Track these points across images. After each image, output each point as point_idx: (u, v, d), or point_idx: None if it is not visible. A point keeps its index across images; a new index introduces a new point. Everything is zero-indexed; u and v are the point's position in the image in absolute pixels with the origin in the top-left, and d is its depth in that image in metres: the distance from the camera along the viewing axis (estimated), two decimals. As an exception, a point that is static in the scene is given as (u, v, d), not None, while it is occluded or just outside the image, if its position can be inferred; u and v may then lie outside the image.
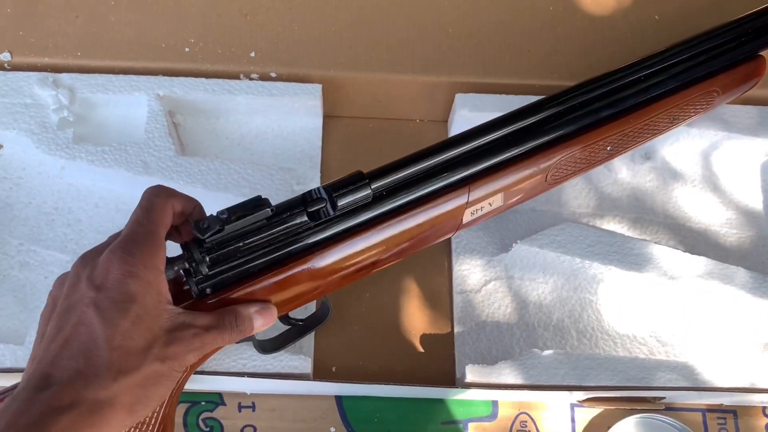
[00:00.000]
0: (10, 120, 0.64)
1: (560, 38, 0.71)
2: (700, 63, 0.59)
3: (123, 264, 0.40)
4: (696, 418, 0.66)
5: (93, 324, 0.39)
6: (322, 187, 0.48)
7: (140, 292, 0.40)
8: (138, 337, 0.40)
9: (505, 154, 0.53)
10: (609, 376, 0.60)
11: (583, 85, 0.56)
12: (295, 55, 0.69)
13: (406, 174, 0.50)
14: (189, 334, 0.42)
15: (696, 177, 0.73)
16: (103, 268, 0.41)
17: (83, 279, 0.41)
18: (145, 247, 0.42)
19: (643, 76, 0.58)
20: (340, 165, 0.72)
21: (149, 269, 0.41)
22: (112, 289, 0.40)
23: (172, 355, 0.41)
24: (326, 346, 0.65)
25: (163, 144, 0.64)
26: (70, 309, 0.40)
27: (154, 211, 0.44)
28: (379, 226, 0.49)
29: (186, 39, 0.69)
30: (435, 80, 0.70)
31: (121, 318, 0.39)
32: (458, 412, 0.65)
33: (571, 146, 0.55)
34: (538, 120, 0.54)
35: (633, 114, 0.57)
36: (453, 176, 0.51)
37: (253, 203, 0.45)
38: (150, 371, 0.40)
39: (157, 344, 0.41)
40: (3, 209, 0.67)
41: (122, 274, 0.40)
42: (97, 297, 0.40)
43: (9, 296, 0.64)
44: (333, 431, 0.63)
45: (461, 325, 0.66)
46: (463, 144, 0.52)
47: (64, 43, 0.68)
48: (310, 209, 0.47)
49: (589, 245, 0.65)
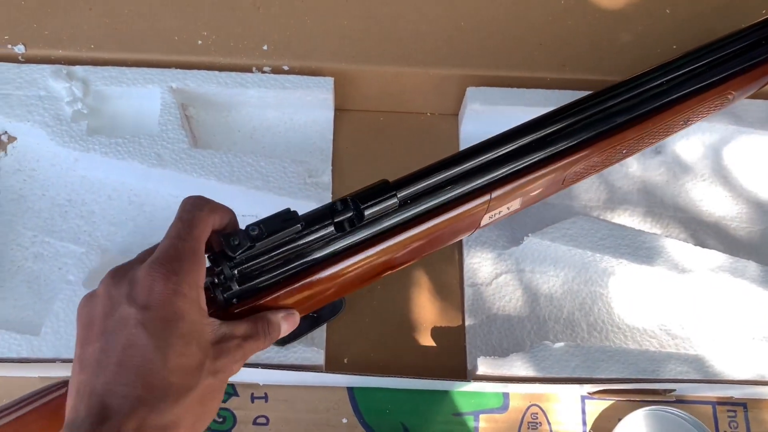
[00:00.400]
0: (24, 112, 0.65)
1: (571, 31, 0.72)
2: (716, 68, 0.59)
3: (167, 282, 0.39)
4: (706, 411, 0.66)
5: (145, 345, 0.37)
6: (350, 198, 0.47)
7: (186, 310, 0.39)
8: (191, 355, 0.39)
9: (525, 159, 0.53)
10: (619, 369, 0.61)
11: (602, 93, 0.56)
12: (307, 48, 0.70)
13: (431, 182, 0.50)
14: (232, 345, 0.42)
15: (706, 171, 0.73)
16: (145, 286, 0.39)
17: (123, 298, 0.39)
18: (187, 264, 0.40)
19: (659, 82, 0.58)
20: (351, 158, 0.72)
21: (193, 287, 0.40)
22: (159, 308, 0.38)
23: (221, 368, 0.41)
24: (338, 338, 0.65)
25: (177, 136, 0.64)
26: (115, 331, 0.38)
27: (198, 227, 0.42)
28: (402, 233, 0.50)
29: (199, 32, 0.69)
30: (446, 73, 0.70)
31: (172, 337, 0.38)
32: (469, 404, 0.65)
33: (589, 151, 0.55)
34: (557, 128, 0.55)
35: (649, 119, 0.57)
36: (475, 182, 0.52)
37: (282, 218, 0.45)
38: (205, 387, 0.39)
39: (207, 359, 0.40)
40: (17, 201, 0.67)
41: (168, 293, 0.38)
42: (144, 317, 0.38)
43: (23, 287, 0.64)
44: (345, 422, 0.64)
45: (472, 317, 0.67)
46: (486, 152, 0.52)
47: (78, 36, 0.69)
48: (337, 220, 0.47)
49: (600, 238, 0.65)
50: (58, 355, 0.58)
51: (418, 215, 0.50)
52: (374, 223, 0.48)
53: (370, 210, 0.47)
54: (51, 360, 0.58)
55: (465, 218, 0.52)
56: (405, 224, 0.50)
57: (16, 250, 0.65)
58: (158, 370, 0.37)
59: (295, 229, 0.45)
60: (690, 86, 0.58)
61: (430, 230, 0.51)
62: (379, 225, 0.49)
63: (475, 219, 0.54)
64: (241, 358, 0.42)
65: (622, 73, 0.70)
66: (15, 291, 0.64)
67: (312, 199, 0.63)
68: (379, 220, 0.49)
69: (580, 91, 0.69)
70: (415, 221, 0.50)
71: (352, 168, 0.72)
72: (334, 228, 0.47)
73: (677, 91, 0.58)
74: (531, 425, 0.65)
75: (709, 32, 0.72)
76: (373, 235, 0.49)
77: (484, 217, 0.54)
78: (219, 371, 0.40)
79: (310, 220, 0.46)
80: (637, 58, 0.71)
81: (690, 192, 0.73)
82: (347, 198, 0.47)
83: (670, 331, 0.67)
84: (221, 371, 0.41)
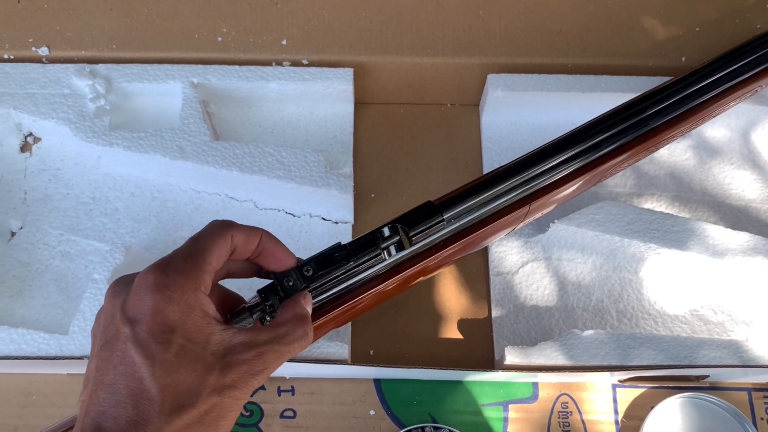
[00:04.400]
0: (48, 110, 0.65)
1: (592, 17, 0.71)
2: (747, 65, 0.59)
3: (155, 290, 0.36)
4: (741, 398, 0.64)
5: (135, 363, 0.35)
6: (398, 224, 0.47)
7: (180, 319, 0.36)
8: (187, 370, 0.35)
9: (564, 170, 0.53)
10: (651, 355, 0.59)
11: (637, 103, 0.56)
12: (326, 41, 0.70)
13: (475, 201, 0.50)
14: (249, 356, 0.37)
15: (734, 154, 0.72)
16: (135, 296, 0.37)
17: (117, 310, 0.37)
18: (182, 267, 0.37)
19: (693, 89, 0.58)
20: (372, 150, 0.72)
21: (187, 291, 0.37)
22: (147, 321, 0.36)
23: (231, 384, 0.36)
24: (364, 331, 0.65)
25: (198, 129, 0.64)
26: (108, 347, 0.36)
27: (204, 237, 0.39)
28: (443, 249, 0.50)
29: (218, 28, 0.70)
30: (466, 62, 0.70)
31: (163, 351, 0.35)
32: (498, 395, 0.64)
33: (624, 155, 0.55)
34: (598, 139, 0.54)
35: (682, 120, 0.57)
36: (515, 195, 0.52)
37: (333, 255, 0.44)
38: (208, 406, 0.36)
39: (212, 374, 0.36)
40: (43, 201, 0.68)
41: (156, 301, 0.36)
42: (133, 332, 0.36)
43: (51, 286, 0.65)
44: (372, 414, 0.63)
45: (499, 307, 0.66)
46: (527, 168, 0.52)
47: (100, 36, 0.69)
48: (383, 245, 0.46)
49: (628, 223, 0.64)
50: (85, 353, 0.58)
51: (460, 230, 0.51)
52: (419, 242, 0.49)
53: (419, 235, 0.47)
54: (79, 357, 0.58)
55: (502, 226, 0.53)
56: (446, 240, 0.50)
57: (43, 249, 0.66)
58: (148, 389, 0.35)
59: (347, 266, 0.45)
60: (721, 85, 0.58)
61: (469, 241, 0.51)
62: (421, 242, 0.49)
63: (511, 225, 0.55)
64: (262, 370, 0.38)
65: (643, 57, 0.70)
66: (44, 290, 0.65)
67: (333, 187, 0.62)
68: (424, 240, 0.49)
69: (601, 76, 0.69)
70: (456, 237, 0.50)
71: (373, 160, 0.72)
72: (381, 254, 0.47)
73: (710, 91, 0.57)
74: (562, 414, 0.63)
75: (732, 14, 0.71)
76: (416, 254, 0.49)
77: (520, 223, 0.55)
78: (227, 388, 0.36)
79: (357, 248, 0.46)
80: (658, 43, 0.70)
81: (718, 176, 0.71)
82: (396, 224, 0.47)
83: (702, 316, 0.65)
84: (231, 387, 0.36)
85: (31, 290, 0.64)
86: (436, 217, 0.48)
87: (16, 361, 0.58)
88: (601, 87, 0.68)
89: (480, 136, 0.73)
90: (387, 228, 0.46)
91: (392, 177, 0.71)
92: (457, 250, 0.52)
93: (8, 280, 0.65)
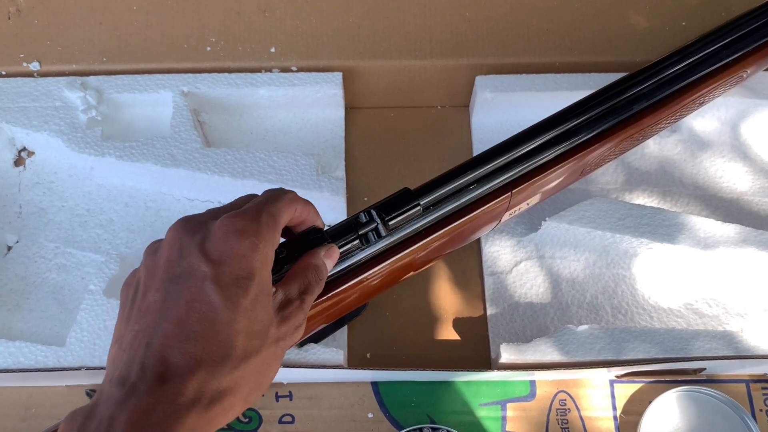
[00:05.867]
0: (41, 122, 0.66)
1: (578, 14, 0.71)
2: (729, 48, 0.59)
3: (245, 238, 0.36)
4: (739, 390, 0.64)
5: (213, 303, 0.35)
6: (374, 209, 0.47)
7: (259, 269, 0.36)
8: (258, 319, 0.36)
9: (544, 156, 0.54)
10: (646, 348, 0.59)
11: (617, 85, 0.56)
12: (314, 47, 0.70)
13: (453, 187, 0.50)
14: (294, 309, 0.40)
15: (725, 147, 0.72)
16: (220, 239, 0.36)
17: (194, 247, 0.36)
18: (266, 221, 0.38)
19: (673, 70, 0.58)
20: (364, 154, 0.72)
21: (269, 244, 0.37)
22: (232, 264, 0.36)
23: (283, 335, 0.39)
24: (360, 334, 0.65)
25: (189, 137, 0.65)
26: (179, 281, 0.36)
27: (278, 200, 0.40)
28: (425, 237, 0.50)
29: (207, 38, 0.70)
30: (454, 63, 0.70)
31: (243, 296, 0.35)
32: (495, 394, 0.64)
33: (608, 141, 0.55)
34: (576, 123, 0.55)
35: (665, 106, 0.57)
36: (495, 182, 0.52)
37: (309, 237, 0.44)
38: (267, 354, 0.37)
39: (272, 325, 0.38)
40: (38, 214, 0.68)
41: (244, 249, 0.36)
42: (215, 272, 0.35)
43: (49, 298, 0.65)
44: (371, 417, 0.63)
45: (494, 306, 0.66)
46: (505, 153, 0.52)
47: (90, 50, 0.70)
48: (362, 232, 0.47)
49: (619, 219, 0.64)
50: (83, 364, 0.58)
51: (441, 219, 0.51)
52: (398, 230, 0.49)
53: (395, 220, 0.47)
54: (77, 368, 0.58)
55: (486, 216, 0.53)
56: (428, 229, 0.50)
57: (40, 262, 0.66)
58: (223, 330, 0.35)
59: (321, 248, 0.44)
60: (704, 69, 0.58)
61: (452, 231, 0.51)
62: (402, 231, 0.49)
63: (496, 216, 0.54)
64: (302, 323, 0.40)
65: (631, 53, 0.70)
66: (41, 302, 0.65)
67: (325, 190, 0.63)
68: (403, 227, 0.49)
69: (589, 74, 0.69)
70: (437, 225, 0.50)
71: (365, 164, 0.72)
72: (359, 241, 0.47)
73: (691, 76, 0.58)
74: (560, 412, 0.63)
75: (718, 8, 0.72)
76: (398, 242, 0.49)
77: (504, 214, 0.55)
78: (281, 338, 0.38)
79: (335, 234, 0.46)
80: (646, 38, 0.70)
81: (709, 169, 0.71)
82: (371, 210, 0.47)
83: (697, 309, 0.65)
84: (284, 338, 0.39)
85: (29, 303, 0.65)
86: (413, 202, 0.48)
87: (14, 375, 0.58)
88: (589, 85, 0.68)
89: (471, 137, 0.74)
90: (363, 214, 0.47)
91: (384, 180, 0.72)
92: (443, 243, 0.52)
93: (5, 294, 0.65)
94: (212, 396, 0.34)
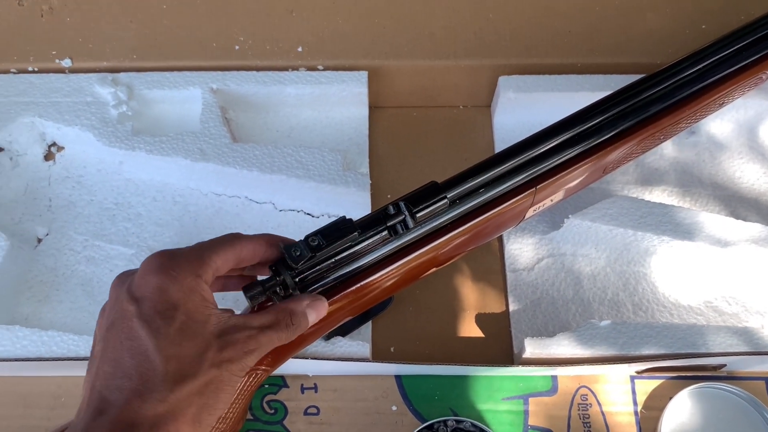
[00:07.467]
0: (72, 117, 0.67)
1: (599, 16, 0.73)
2: (748, 50, 0.60)
3: (161, 272, 0.39)
4: (759, 387, 0.65)
5: (140, 337, 0.37)
6: (402, 201, 0.48)
7: (182, 299, 0.39)
8: (188, 344, 0.38)
9: (567, 153, 0.55)
10: (668, 344, 0.60)
11: (637, 84, 0.57)
12: (340, 47, 0.71)
13: (478, 181, 0.51)
14: (242, 336, 0.41)
15: (743, 148, 0.73)
16: (140, 278, 0.39)
17: (123, 293, 0.40)
18: (187, 255, 0.41)
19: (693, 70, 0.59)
20: (387, 152, 0.74)
21: (189, 276, 0.40)
22: (152, 299, 0.38)
23: (228, 359, 0.40)
24: (384, 329, 0.66)
25: (219, 132, 0.66)
26: (113, 326, 0.39)
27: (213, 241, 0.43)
28: (451, 231, 0.51)
29: (235, 37, 0.72)
30: (477, 64, 0.71)
31: (167, 326, 0.38)
32: (518, 388, 0.65)
33: (629, 140, 0.56)
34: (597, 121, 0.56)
35: (685, 106, 0.58)
36: (520, 178, 0.53)
37: (339, 227, 0.46)
38: (209, 377, 0.39)
39: (210, 350, 0.39)
40: (67, 207, 0.69)
41: (161, 281, 0.39)
42: (138, 309, 0.38)
43: (78, 290, 0.66)
44: (394, 409, 0.64)
45: (516, 302, 0.67)
46: (529, 149, 0.53)
47: (121, 47, 0.71)
48: (390, 224, 0.48)
49: (640, 216, 0.65)
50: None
51: (467, 213, 0.51)
52: (425, 223, 0.50)
53: (422, 212, 0.48)
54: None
55: (510, 212, 0.54)
56: (454, 222, 0.51)
57: (69, 255, 0.68)
58: (153, 359, 0.37)
59: (353, 237, 0.46)
60: (723, 71, 0.59)
61: (477, 225, 0.52)
62: (429, 225, 0.50)
63: (520, 212, 0.55)
64: (254, 349, 0.41)
65: (651, 55, 0.71)
66: (71, 294, 0.66)
67: (352, 185, 0.64)
68: (430, 220, 0.50)
69: (610, 75, 0.71)
70: (463, 219, 0.51)
71: (388, 162, 0.73)
72: (387, 232, 0.48)
73: (711, 77, 0.58)
74: (581, 407, 0.64)
75: (738, 11, 0.73)
76: (424, 235, 0.50)
77: (528, 210, 0.56)
78: (224, 362, 0.39)
79: (364, 225, 0.47)
80: (665, 40, 0.71)
81: (727, 170, 0.72)
82: (399, 202, 0.48)
83: (717, 307, 0.66)
84: (227, 362, 0.40)
85: (59, 294, 0.66)
86: (440, 195, 0.49)
87: (46, 363, 0.59)
88: (610, 86, 0.69)
89: (492, 136, 0.75)
90: (392, 206, 0.48)
91: (407, 178, 0.73)
92: (467, 239, 0.52)
93: (36, 285, 0.66)
94: (151, 421, 0.36)
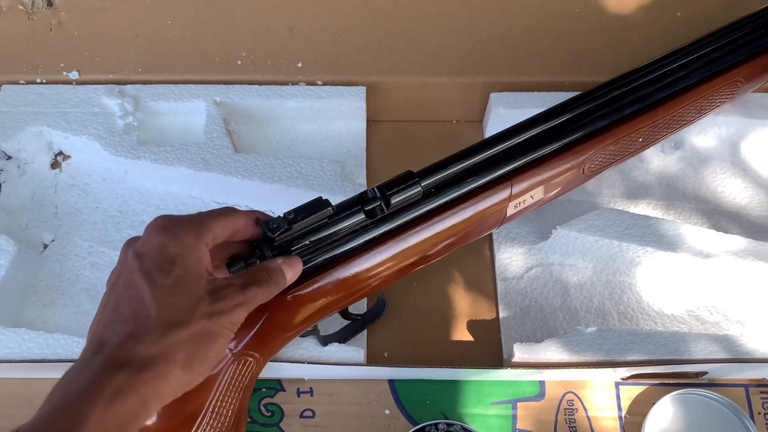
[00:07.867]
0: (80, 127, 0.70)
1: (587, 37, 0.76)
2: (723, 55, 0.62)
3: (163, 231, 0.43)
4: (739, 393, 0.67)
5: (138, 286, 0.41)
6: (376, 187, 0.51)
7: (181, 255, 0.42)
8: (183, 295, 0.42)
9: (543, 149, 0.57)
10: (651, 350, 0.63)
11: (613, 82, 0.60)
12: (339, 63, 0.74)
13: (453, 171, 0.54)
14: (231, 291, 0.44)
15: (725, 163, 0.76)
16: (145, 237, 0.43)
17: (129, 252, 0.44)
18: (189, 219, 0.45)
19: (668, 70, 0.62)
20: (383, 164, 0.76)
21: (189, 236, 0.43)
22: (153, 254, 0.42)
23: (219, 311, 0.43)
24: (378, 334, 0.68)
25: (222, 143, 0.68)
26: (118, 280, 0.43)
27: (213, 210, 0.47)
28: (429, 221, 0.53)
29: (238, 53, 0.75)
30: (470, 81, 0.74)
31: (164, 277, 0.41)
32: (507, 393, 0.67)
33: (604, 139, 0.59)
34: (572, 116, 0.58)
35: (661, 107, 0.61)
36: (496, 171, 0.55)
37: (315, 204, 0.49)
38: (200, 327, 0.42)
39: (202, 303, 0.42)
40: (73, 214, 0.72)
41: (163, 239, 0.43)
42: (140, 263, 0.42)
43: (82, 295, 0.68)
44: (387, 413, 0.66)
45: (506, 310, 0.69)
46: (504, 141, 0.56)
47: (127, 61, 0.74)
48: (366, 207, 0.51)
49: (625, 228, 0.67)
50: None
51: (443, 204, 0.54)
52: (402, 212, 0.52)
53: (396, 197, 0.51)
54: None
55: (490, 208, 0.56)
56: (431, 213, 0.54)
57: (74, 260, 0.70)
58: (148, 306, 0.40)
59: (327, 212, 0.49)
60: (699, 74, 0.61)
61: (456, 219, 0.54)
62: (406, 214, 0.53)
63: (500, 209, 0.57)
64: (242, 303, 0.44)
65: (637, 74, 0.74)
66: (75, 298, 0.68)
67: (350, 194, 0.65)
68: (407, 210, 0.52)
69: (598, 92, 0.73)
70: (440, 210, 0.54)
71: (385, 173, 0.74)
72: (364, 214, 0.50)
73: (687, 79, 0.61)
74: (568, 411, 0.66)
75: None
76: (402, 224, 0.53)
77: (509, 206, 0.58)
78: (215, 314, 0.42)
79: (341, 207, 0.50)
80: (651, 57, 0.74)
81: (710, 184, 0.75)
82: (374, 187, 0.51)
83: (699, 316, 0.69)
84: (218, 314, 0.43)
85: (64, 299, 0.68)
86: (413, 180, 0.51)
87: (51, 365, 0.61)
88: (598, 103, 0.72)
89: (484, 150, 0.78)
90: (368, 191, 0.51)
91: (402, 189, 0.75)
92: (449, 234, 0.55)
93: (42, 289, 0.68)
94: (143, 360, 0.39)
